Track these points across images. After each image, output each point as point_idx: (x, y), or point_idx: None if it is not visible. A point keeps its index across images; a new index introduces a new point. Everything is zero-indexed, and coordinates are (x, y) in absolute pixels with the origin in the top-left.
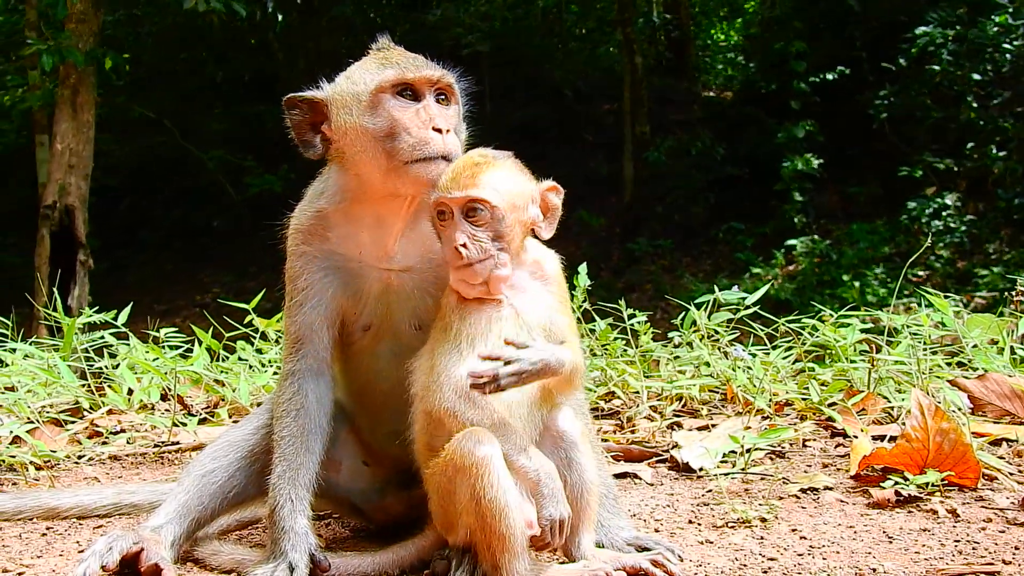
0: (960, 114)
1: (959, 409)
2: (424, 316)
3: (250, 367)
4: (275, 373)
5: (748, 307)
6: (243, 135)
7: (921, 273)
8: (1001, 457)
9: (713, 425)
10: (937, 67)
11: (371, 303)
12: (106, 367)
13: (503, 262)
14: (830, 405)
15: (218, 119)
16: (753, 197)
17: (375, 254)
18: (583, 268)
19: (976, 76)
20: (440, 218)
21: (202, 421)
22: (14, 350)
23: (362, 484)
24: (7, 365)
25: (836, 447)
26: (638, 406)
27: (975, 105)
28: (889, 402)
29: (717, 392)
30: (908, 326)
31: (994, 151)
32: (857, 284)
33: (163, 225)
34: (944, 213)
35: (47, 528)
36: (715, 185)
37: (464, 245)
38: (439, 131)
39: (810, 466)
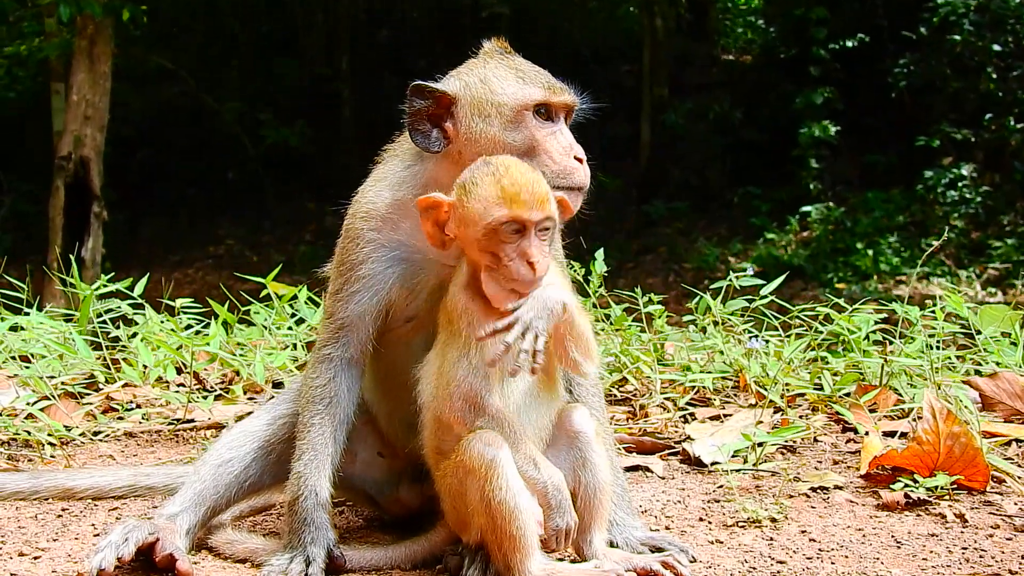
0: (979, 85)
1: (968, 410)
2: None
3: (266, 330)
4: (292, 349)
5: (763, 297)
6: (260, 88)
7: (935, 243)
8: (1010, 459)
9: (726, 415)
10: (958, 37)
11: (423, 296)
12: (122, 336)
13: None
14: (843, 396)
15: (235, 71)
16: (770, 162)
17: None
18: (600, 254)
19: (997, 47)
20: (506, 237)
21: (217, 397)
22: (27, 313)
23: (376, 475)
24: (23, 329)
25: (847, 442)
26: (651, 394)
27: (994, 76)
28: (901, 396)
29: (730, 380)
30: (921, 320)
31: (1012, 123)
32: (871, 252)
33: (178, 177)
34: (960, 184)
35: (63, 509)
36: (732, 149)
37: (539, 261)
38: (580, 160)
39: (821, 462)
